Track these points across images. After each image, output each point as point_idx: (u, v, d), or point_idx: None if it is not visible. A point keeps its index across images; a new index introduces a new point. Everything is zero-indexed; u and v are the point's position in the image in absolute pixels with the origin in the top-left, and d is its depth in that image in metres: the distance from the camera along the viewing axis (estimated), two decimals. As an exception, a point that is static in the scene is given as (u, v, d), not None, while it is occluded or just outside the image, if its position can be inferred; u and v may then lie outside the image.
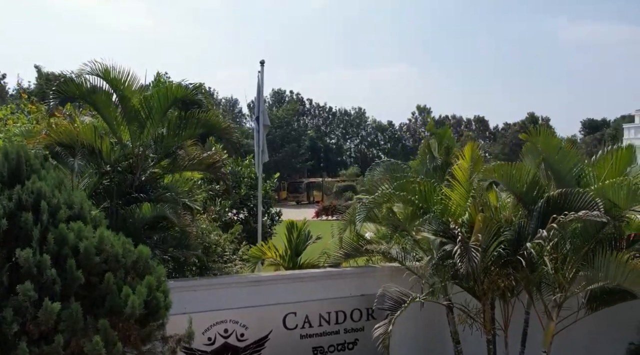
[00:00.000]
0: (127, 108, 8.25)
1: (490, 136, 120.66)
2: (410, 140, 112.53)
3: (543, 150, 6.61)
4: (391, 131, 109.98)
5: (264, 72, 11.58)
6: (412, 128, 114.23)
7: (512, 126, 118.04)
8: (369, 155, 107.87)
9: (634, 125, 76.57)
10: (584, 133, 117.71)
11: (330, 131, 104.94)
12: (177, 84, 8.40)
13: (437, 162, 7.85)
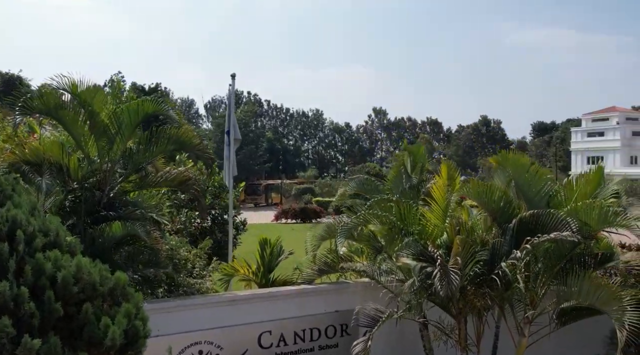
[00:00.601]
0: (95, 123, 8.01)
1: (444, 138, 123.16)
2: (367, 141, 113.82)
3: (513, 172, 6.82)
4: (348, 133, 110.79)
5: (234, 85, 11.46)
6: (369, 130, 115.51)
7: (465, 128, 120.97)
8: (326, 156, 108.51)
9: (580, 129, 80.00)
10: (533, 135, 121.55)
11: (288, 133, 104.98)
12: (148, 99, 8.22)
13: (412, 181, 7.97)
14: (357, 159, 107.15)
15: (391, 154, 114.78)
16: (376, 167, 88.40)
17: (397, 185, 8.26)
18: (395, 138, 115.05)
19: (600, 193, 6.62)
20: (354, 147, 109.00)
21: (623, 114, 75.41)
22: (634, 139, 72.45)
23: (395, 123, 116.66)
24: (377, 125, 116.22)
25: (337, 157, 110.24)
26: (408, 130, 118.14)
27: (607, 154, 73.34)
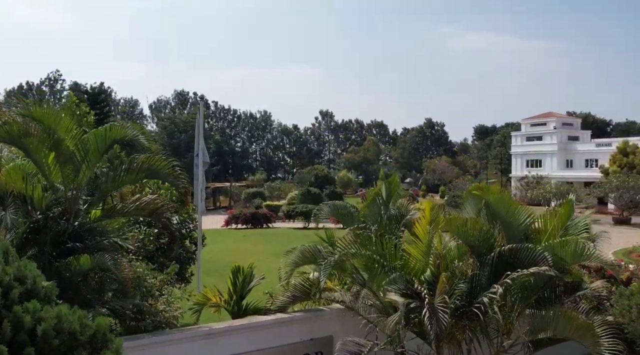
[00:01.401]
0: (61, 150, 7.63)
1: (390, 140, 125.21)
2: (315, 143, 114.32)
3: (493, 206, 7.00)
4: (296, 135, 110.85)
5: (201, 110, 11.20)
6: (317, 132, 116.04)
7: (411, 131, 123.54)
8: (274, 158, 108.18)
9: (520, 133, 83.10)
10: (475, 138, 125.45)
11: (235, 134, 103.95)
12: (115, 125, 7.87)
13: (391, 212, 8.01)
14: (305, 161, 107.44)
15: (339, 155, 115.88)
16: (324, 170, 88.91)
17: (374, 213, 8.25)
18: (343, 140, 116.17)
19: (571, 226, 6.88)
20: (302, 149, 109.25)
21: (560, 119, 78.93)
22: (569, 143, 75.94)
23: (342, 125, 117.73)
24: (325, 128, 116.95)
25: (285, 159, 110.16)
26: (355, 133, 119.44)
27: (545, 158, 76.59)
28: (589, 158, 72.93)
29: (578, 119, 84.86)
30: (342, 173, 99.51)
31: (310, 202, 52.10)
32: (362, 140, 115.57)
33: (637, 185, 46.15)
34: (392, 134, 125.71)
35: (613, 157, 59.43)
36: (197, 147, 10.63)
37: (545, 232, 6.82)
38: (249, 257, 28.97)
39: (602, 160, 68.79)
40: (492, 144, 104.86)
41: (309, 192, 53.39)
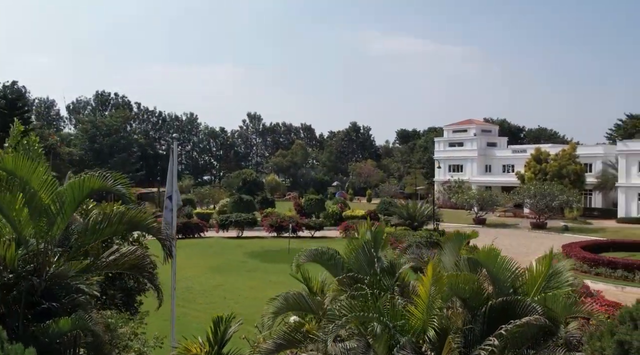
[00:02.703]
0: (35, 204, 7.12)
1: (317, 144, 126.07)
2: (242, 146, 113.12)
3: (484, 261, 7.25)
4: (223, 138, 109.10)
5: (175, 149, 10.72)
6: (244, 135, 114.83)
7: (337, 134, 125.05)
8: (200, 161, 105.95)
9: (442, 139, 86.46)
10: (398, 142, 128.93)
11: (160, 137, 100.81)
12: (93, 175, 7.43)
13: (383, 264, 8.02)
14: (232, 164, 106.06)
15: (266, 159, 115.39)
16: (252, 174, 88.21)
17: (361, 263, 8.16)
18: (270, 143, 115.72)
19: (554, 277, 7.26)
20: (229, 152, 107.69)
21: (479, 126, 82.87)
22: (488, 150, 79.94)
23: (270, 128, 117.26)
24: (252, 131, 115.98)
25: (212, 163, 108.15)
26: (283, 136, 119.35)
27: (465, 163, 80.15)
28: (506, 164, 77.05)
29: (496, 126, 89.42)
30: (270, 177, 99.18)
31: (242, 209, 51.55)
32: (289, 143, 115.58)
33: (552, 192, 49.29)
34: (319, 137, 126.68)
35: (528, 163, 63.13)
36: (169, 188, 10.17)
37: (532, 285, 7.14)
38: (186, 271, 28.29)
39: (518, 166, 72.99)
40: (415, 148, 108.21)
41: (241, 199, 52.76)
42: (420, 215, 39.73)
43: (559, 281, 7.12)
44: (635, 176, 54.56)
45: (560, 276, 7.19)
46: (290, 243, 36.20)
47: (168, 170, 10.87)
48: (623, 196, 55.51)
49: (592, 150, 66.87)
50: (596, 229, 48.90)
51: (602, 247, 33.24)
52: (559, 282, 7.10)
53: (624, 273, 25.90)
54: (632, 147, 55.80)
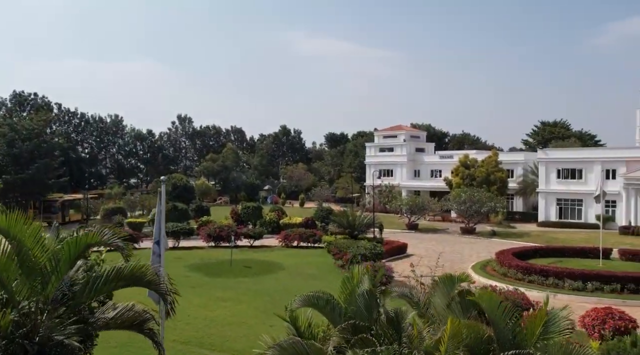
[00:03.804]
0: (28, 263, 6.70)
1: (247, 147, 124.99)
2: (171, 149, 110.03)
3: (486, 308, 7.53)
4: (151, 140, 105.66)
5: (164, 189, 10.29)
6: (173, 137, 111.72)
7: (267, 137, 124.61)
8: (126, 165, 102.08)
9: (373, 144, 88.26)
10: (327, 146, 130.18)
11: (83, 140, 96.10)
12: (92, 231, 7.09)
13: (389, 314, 7.98)
14: (160, 168, 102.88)
15: (196, 162, 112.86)
16: (183, 179, 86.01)
17: (361, 309, 8.15)
18: (200, 146, 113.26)
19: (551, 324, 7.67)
20: (157, 156, 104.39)
21: (408, 132, 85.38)
22: (417, 155, 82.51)
23: (200, 131, 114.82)
24: (182, 133, 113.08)
25: (138, 166, 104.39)
26: (213, 139, 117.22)
27: (395, 168, 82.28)
28: (434, 169, 79.83)
29: (424, 132, 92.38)
30: (200, 181, 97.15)
31: (176, 218, 50.18)
32: (220, 146, 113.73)
33: (481, 199, 51.64)
34: (250, 140, 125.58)
35: (456, 169, 65.70)
36: (156, 233, 9.72)
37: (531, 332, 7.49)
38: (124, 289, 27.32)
39: (446, 171, 75.86)
40: (345, 152, 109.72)
41: (176, 207, 51.34)
42: (360, 223, 40.38)
43: (555, 330, 7.50)
44: (554, 182, 58.22)
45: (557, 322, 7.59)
46: (232, 254, 35.72)
47: (155, 213, 10.44)
48: (543, 201, 59.06)
49: (513, 157, 70.69)
50: (521, 234, 51.71)
51: (530, 254, 35.18)
52: (555, 330, 7.49)
53: (554, 281, 27.54)
54: (551, 155, 59.47)
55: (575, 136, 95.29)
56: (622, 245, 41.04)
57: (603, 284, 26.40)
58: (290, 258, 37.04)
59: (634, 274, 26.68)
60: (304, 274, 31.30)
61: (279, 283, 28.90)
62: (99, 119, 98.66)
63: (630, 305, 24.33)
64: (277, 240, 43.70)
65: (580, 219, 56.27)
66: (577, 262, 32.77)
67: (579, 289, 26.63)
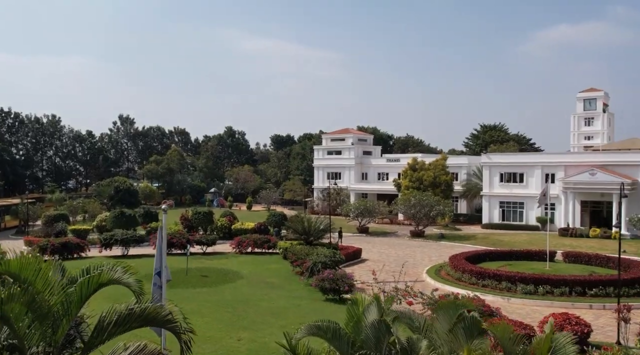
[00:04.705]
0: (38, 307, 6.36)
1: (192, 148, 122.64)
2: (112, 151, 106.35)
3: (499, 338, 7.75)
4: (91, 141, 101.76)
5: (165, 217, 9.89)
6: (114, 139, 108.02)
7: (212, 139, 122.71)
8: (64, 168, 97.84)
9: (321, 147, 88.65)
10: (274, 147, 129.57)
11: (17, 141, 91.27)
12: (103, 271, 6.79)
13: (402, 343, 7.97)
14: (101, 171, 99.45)
15: (139, 165, 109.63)
16: (126, 182, 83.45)
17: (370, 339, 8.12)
18: (143, 148, 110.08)
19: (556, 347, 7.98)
20: (97, 158, 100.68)
21: (356, 135, 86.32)
22: (364, 158, 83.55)
23: (142, 132, 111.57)
24: (123, 134, 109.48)
25: (77, 169, 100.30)
26: (157, 140, 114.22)
27: (344, 171, 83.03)
28: (381, 172, 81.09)
29: (371, 135, 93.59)
30: (143, 184, 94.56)
31: (124, 225, 48.66)
32: (164, 148, 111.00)
33: (430, 202, 52.92)
34: (195, 141, 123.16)
35: (404, 172, 66.97)
36: (157, 264, 9.33)
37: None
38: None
39: (393, 174, 77.28)
40: (292, 154, 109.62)
41: (123, 214, 49.72)
42: (316, 229, 40.49)
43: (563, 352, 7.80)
44: (497, 186, 60.45)
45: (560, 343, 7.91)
46: (187, 263, 34.98)
47: (157, 244, 10.05)
48: (487, 204, 61.20)
49: (458, 161, 72.85)
50: (467, 236, 53.37)
51: (480, 257, 36.37)
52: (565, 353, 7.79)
53: (507, 285, 28.59)
54: (494, 159, 61.69)
55: (513, 139, 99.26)
56: (562, 247, 43.21)
57: (553, 287, 27.62)
58: (247, 265, 36.69)
59: (581, 278, 28.08)
60: (263, 283, 31.06)
61: (239, 293, 28.56)
62: (34, 119, 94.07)
63: (579, 308, 25.64)
64: (231, 247, 43.15)
65: (521, 221, 58.68)
66: (526, 265, 34.18)
67: (531, 292, 27.75)
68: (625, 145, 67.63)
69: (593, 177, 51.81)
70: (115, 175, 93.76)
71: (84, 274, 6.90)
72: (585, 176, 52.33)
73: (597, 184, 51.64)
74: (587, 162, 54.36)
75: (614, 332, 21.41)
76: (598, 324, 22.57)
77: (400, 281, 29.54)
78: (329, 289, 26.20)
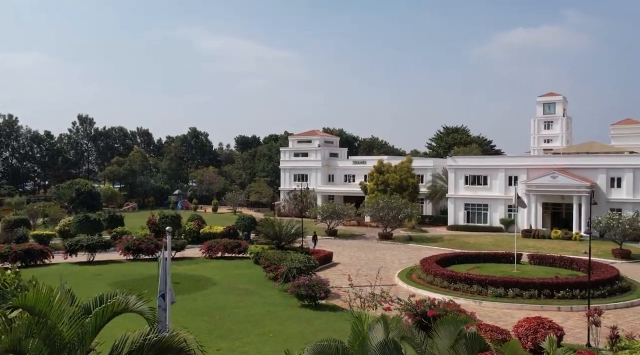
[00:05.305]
0: (53, 340, 6.21)
1: (155, 149, 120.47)
2: (72, 152, 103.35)
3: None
4: (49, 142, 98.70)
5: (169, 237, 9.68)
6: (74, 140, 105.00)
7: (175, 139, 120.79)
8: (22, 170, 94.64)
9: (288, 149, 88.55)
10: (239, 149, 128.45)
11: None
12: (118, 299, 6.67)
13: None
14: (60, 172, 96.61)
15: (100, 166, 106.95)
16: (87, 184, 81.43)
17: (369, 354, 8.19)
18: (104, 149, 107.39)
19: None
20: (56, 159, 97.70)
21: (322, 137, 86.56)
22: (331, 160, 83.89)
23: (103, 133, 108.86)
24: (83, 135, 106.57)
25: (35, 170, 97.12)
26: (118, 141, 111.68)
27: (310, 173, 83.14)
28: (347, 174, 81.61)
29: (337, 137, 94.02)
30: (105, 186, 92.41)
31: (88, 230, 47.45)
32: (126, 149, 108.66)
33: (398, 206, 53.58)
34: (158, 142, 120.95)
35: (371, 174, 67.53)
36: (162, 286, 9.11)
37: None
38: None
39: (359, 176, 77.91)
40: (257, 156, 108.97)
41: (87, 218, 48.46)
42: (288, 234, 40.44)
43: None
44: (462, 188, 61.69)
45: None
46: (159, 268, 34.32)
47: (160, 267, 9.84)
48: (452, 206, 62.36)
49: (423, 163, 73.93)
50: (434, 238, 54.27)
51: (450, 260, 37.08)
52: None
53: (479, 288, 29.25)
54: (460, 162, 62.92)
55: (475, 142, 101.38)
56: (526, 248, 44.45)
57: (522, 290, 28.41)
58: (218, 271, 36.33)
59: (549, 281, 29.00)
60: (237, 289, 30.84)
61: (214, 300, 28.25)
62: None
63: (548, 310, 26.47)
64: (201, 252, 42.67)
65: (486, 222, 60.04)
66: (494, 268, 35.04)
67: (501, 295, 28.46)
68: (583, 149, 70.01)
69: (554, 180, 53.48)
70: (76, 177, 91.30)
71: (97, 302, 6.76)
72: (547, 179, 53.96)
73: (559, 186, 53.33)
74: (548, 165, 56.09)
75: (582, 334, 22.23)
76: (567, 326, 23.33)
77: (375, 285, 29.90)
78: (305, 296, 26.23)
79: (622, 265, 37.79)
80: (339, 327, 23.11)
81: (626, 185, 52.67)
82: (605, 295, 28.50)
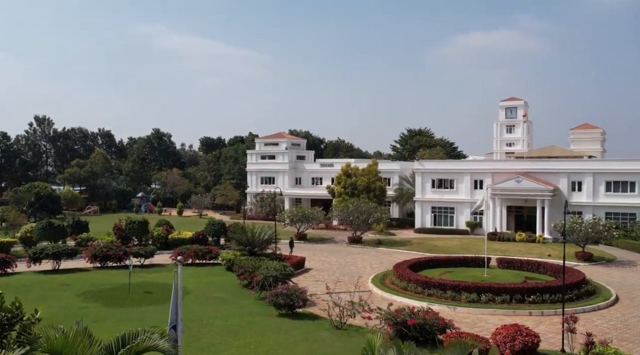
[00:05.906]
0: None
1: (117, 151, 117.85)
2: (30, 154, 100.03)
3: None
4: (5, 144, 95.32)
5: (180, 272, 9.43)
6: (31, 141, 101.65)
7: (137, 141, 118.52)
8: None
9: (255, 152, 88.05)
10: (203, 150, 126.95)
11: None
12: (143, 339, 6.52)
13: None
14: (17, 175, 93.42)
15: (59, 168, 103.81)
16: (47, 187, 79.07)
17: None
18: (63, 150, 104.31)
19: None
20: (13, 161, 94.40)
21: (290, 140, 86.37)
22: (298, 162, 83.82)
23: (62, 134, 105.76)
24: (41, 136, 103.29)
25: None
26: (78, 142, 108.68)
27: (277, 175, 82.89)
28: (314, 177, 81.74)
29: (304, 139, 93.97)
30: (65, 189, 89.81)
31: (51, 236, 46.09)
32: (87, 151, 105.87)
33: (367, 209, 53.98)
34: (119, 144, 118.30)
35: (338, 177, 67.81)
36: (173, 318, 8.86)
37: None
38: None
39: (327, 179, 78.15)
40: (222, 157, 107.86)
41: (51, 224, 47.02)
42: (261, 240, 40.21)
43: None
44: (429, 192, 62.61)
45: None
46: (130, 277, 33.60)
47: (172, 300, 9.57)
48: (419, 209, 63.25)
49: (390, 166, 74.71)
50: (403, 242, 54.85)
51: (422, 265, 37.56)
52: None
53: (452, 293, 29.73)
54: (427, 166, 63.83)
55: (439, 144, 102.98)
56: (493, 251, 45.45)
57: (494, 295, 29.02)
58: (190, 279, 35.78)
59: (520, 286, 29.72)
60: (212, 298, 30.48)
61: (189, 310, 27.78)
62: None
63: (520, 315, 27.14)
64: (171, 258, 41.97)
65: (452, 225, 61.13)
66: (465, 272, 35.67)
67: (475, 300, 29.00)
68: (544, 153, 72.13)
69: (519, 184, 54.89)
70: (34, 179, 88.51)
71: (120, 343, 6.57)
72: (512, 183, 55.34)
73: (523, 190, 54.77)
74: (512, 170, 57.52)
75: (554, 339, 22.87)
76: (539, 331, 23.86)
77: (351, 292, 30.07)
78: (282, 305, 26.13)
79: (585, 268, 39.14)
80: (319, 337, 23.14)
81: (586, 189, 54.55)
82: (573, 299, 29.38)
